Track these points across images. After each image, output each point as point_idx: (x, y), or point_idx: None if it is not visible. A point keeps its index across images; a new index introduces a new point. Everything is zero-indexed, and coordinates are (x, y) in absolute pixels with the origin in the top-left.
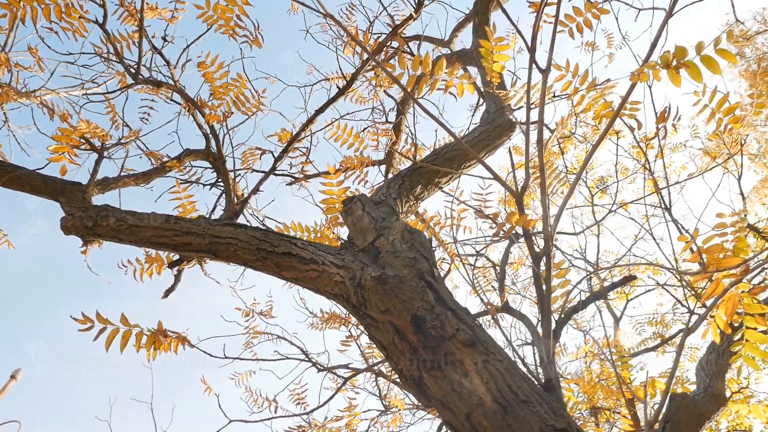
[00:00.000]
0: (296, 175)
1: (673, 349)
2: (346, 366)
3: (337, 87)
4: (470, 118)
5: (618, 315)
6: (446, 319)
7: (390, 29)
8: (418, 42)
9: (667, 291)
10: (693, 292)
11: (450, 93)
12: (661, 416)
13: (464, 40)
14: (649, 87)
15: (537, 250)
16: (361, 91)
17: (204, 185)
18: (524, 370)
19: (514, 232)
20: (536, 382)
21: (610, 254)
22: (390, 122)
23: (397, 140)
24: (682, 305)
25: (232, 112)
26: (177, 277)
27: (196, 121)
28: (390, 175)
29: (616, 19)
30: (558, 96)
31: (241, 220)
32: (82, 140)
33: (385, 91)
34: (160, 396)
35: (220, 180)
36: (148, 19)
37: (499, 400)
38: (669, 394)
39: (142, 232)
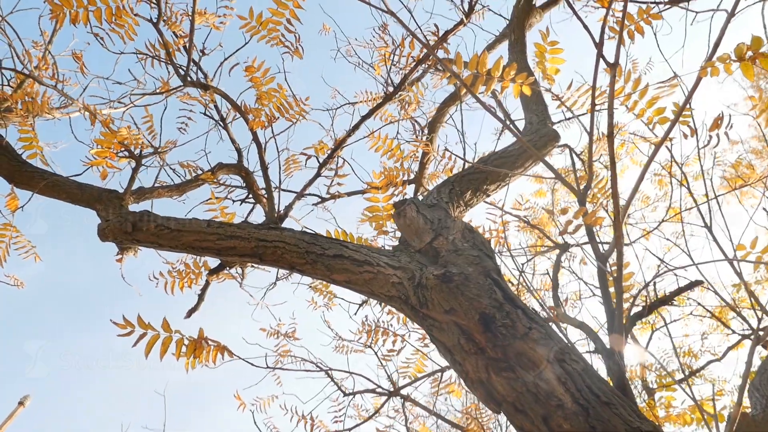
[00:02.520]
0: (330, 194)
1: (702, 381)
2: (372, 390)
3: (387, 92)
4: (495, 142)
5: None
6: (517, 318)
7: (435, 38)
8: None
9: (710, 312)
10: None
11: (492, 95)
12: None
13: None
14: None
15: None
16: (390, 110)
17: (234, 201)
18: None
19: (564, 241)
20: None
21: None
22: (419, 141)
23: (428, 158)
24: (726, 326)
25: (277, 118)
26: (200, 297)
27: (230, 136)
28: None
29: (655, 35)
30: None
31: None
32: (122, 146)
33: (411, 117)
34: (173, 424)
35: (250, 195)
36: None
37: (579, 402)
38: (740, 409)
39: (184, 237)
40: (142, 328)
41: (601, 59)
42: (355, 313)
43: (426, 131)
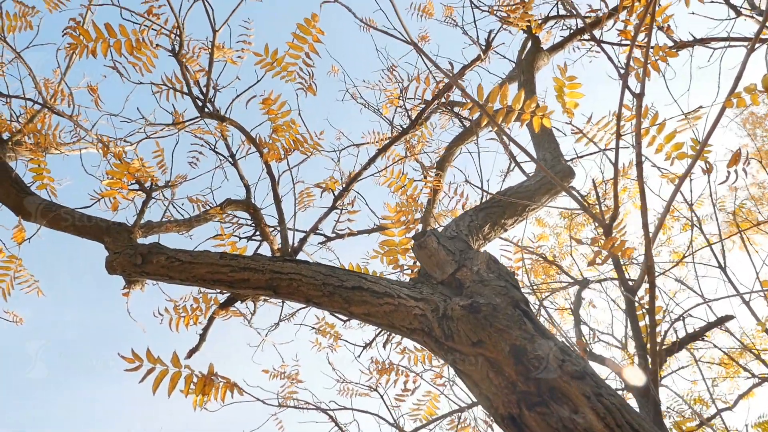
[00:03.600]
0: (336, 232)
1: (712, 431)
2: None
3: (402, 128)
4: (500, 183)
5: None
6: (549, 350)
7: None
8: (450, 107)
9: (728, 355)
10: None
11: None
12: None
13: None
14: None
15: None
16: (397, 150)
17: (240, 238)
18: None
19: (583, 277)
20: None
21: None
22: (431, 178)
23: (437, 196)
24: (745, 369)
25: (292, 151)
26: (202, 337)
27: (239, 172)
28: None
29: (664, 77)
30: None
31: None
32: (134, 178)
33: (416, 157)
34: None
35: (257, 232)
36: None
37: None
38: None
39: (196, 269)
40: (151, 362)
41: (626, 90)
42: (359, 355)
43: (434, 169)
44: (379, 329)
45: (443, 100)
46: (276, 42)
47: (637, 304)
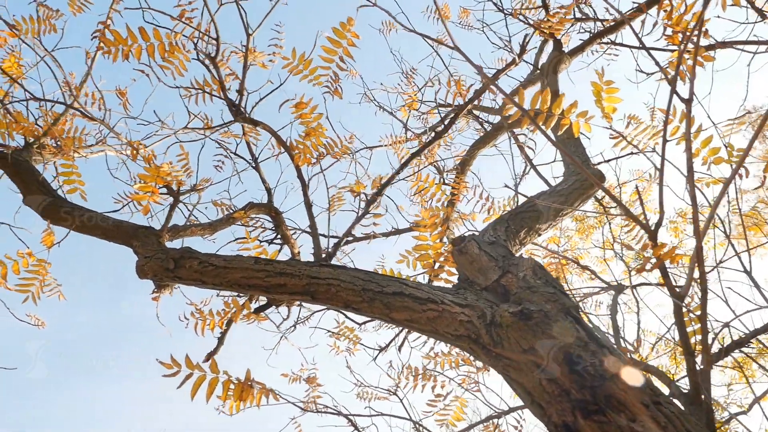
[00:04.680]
0: (354, 236)
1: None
2: None
3: (436, 131)
4: (516, 188)
5: None
6: (605, 357)
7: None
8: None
9: (752, 358)
10: None
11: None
12: None
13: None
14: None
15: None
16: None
17: (261, 241)
18: None
19: (617, 283)
20: None
21: (650, 333)
22: (447, 184)
23: (457, 198)
24: None
25: (324, 155)
26: (220, 341)
27: (261, 176)
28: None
29: (691, 81)
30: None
31: None
32: (164, 182)
33: (434, 164)
34: None
35: (278, 236)
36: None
37: None
38: None
39: (231, 274)
40: (189, 368)
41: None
42: (375, 358)
43: (456, 172)
44: (398, 333)
45: (474, 103)
46: (300, 44)
47: (684, 310)
